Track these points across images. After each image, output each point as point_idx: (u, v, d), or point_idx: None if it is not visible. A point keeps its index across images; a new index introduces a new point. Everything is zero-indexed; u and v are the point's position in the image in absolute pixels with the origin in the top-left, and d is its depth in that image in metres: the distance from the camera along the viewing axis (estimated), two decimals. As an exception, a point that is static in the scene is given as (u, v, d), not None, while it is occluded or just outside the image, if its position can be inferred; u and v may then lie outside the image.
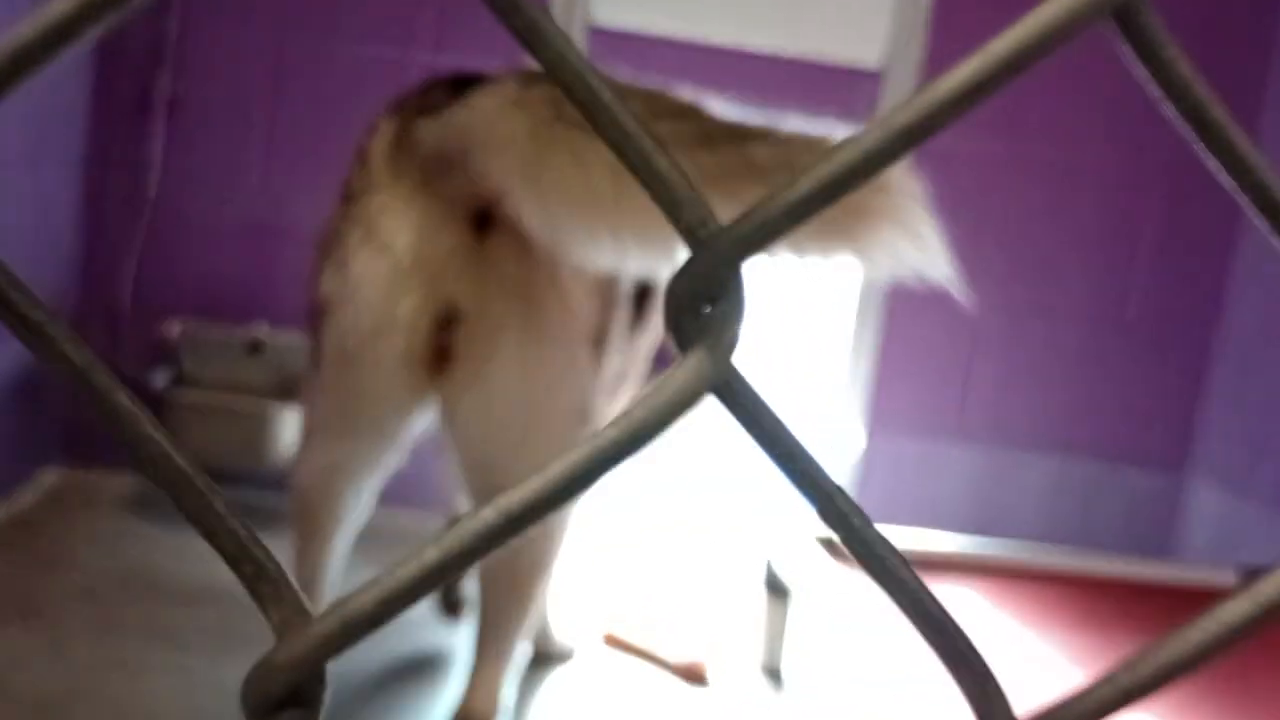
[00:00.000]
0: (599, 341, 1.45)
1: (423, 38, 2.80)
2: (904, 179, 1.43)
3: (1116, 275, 3.04)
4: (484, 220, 1.36)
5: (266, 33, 2.78)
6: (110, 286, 2.79)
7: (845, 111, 2.84)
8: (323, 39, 2.79)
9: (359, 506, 1.64)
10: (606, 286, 1.44)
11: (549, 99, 1.25)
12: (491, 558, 1.26)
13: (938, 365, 3.03)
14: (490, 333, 1.36)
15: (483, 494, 1.47)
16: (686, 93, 1.38)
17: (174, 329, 2.74)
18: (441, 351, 1.38)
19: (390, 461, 1.58)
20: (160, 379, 2.65)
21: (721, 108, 1.37)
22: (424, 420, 1.51)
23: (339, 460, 1.53)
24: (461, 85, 1.43)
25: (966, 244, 3.02)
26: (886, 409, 3.03)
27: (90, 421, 2.83)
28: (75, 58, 2.61)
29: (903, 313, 3.00)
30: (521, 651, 1.59)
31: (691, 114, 1.32)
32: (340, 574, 1.74)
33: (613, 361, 1.52)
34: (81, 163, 2.73)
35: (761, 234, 0.30)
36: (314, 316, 1.45)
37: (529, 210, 1.26)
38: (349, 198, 1.42)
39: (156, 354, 2.78)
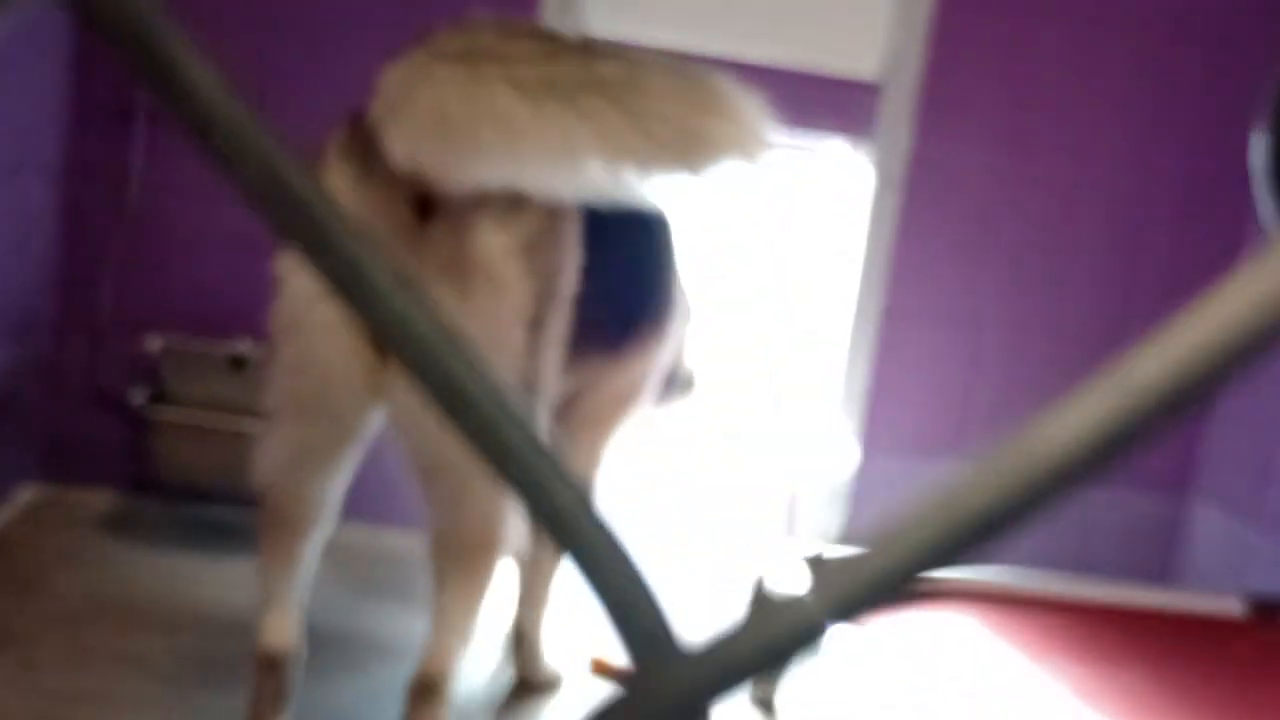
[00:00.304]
0: (536, 325, 1.50)
1: (407, 47, 2.75)
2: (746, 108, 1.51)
3: (1119, 293, 3.00)
4: (425, 207, 1.44)
5: (249, 42, 2.74)
6: (90, 300, 2.74)
7: (844, 124, 2.79)
8: (306, 48, 2.75)
9: (325, 507, 1.65)
10: (544, 277, 1.51)
11: (433, 49, 1.41)
12: (445, 525, 1.33)
13: (935, 382, 2.99)
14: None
15: (422, 472, 1.54)
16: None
17: (155, 344, 2.69)
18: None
19: (350, 457, 1.61)
20: (140, 395, 2.60)
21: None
22: (379, 411, 1.56)
23: (299, 450, 1.56)
24: None
25: (968, 260, 2.99)
26: (883, 426, 2.98)
27: (70, 438, 2.78)
28: (54, 68, 2.56)
29: (901, 328, 2.95)
30: (476, 626, 1.62)
31: (545, 36, 1.44)
32: (308, 588, 1.70)
33: (553, 349, 1.58)
34: (61, 174, 2.68)
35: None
36: (275, 303, 1.53)
37: (393, 138, 1.36)
38: None
39: (137, 369, 2.72)
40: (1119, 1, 2.92)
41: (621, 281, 1.90)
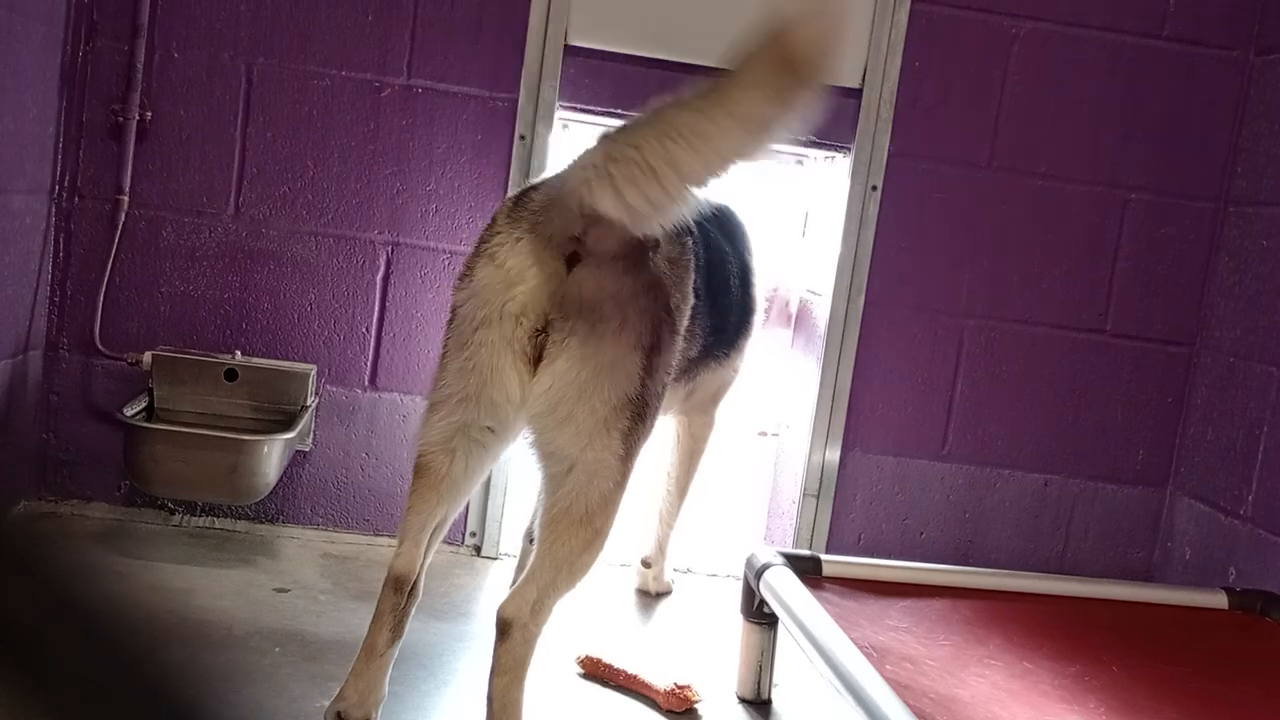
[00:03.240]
0: (653, 350, 1.81)
1: (395, 61, 2.78)
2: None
3: (1096, 294, 3.04)
4: (573, 259, 1.78)
5: (238, 56, 2.76)
6: (82, 315, 2.75)
7: (824, 129, 2.83)
8: (295, 62, 2.77)
9: (469, 479, 1.93)
10: (663, 310, 1.84)
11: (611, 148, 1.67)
12: (566, 504, 1.68)
13: (917, 383, 3.02)
14: (564, 337, 1.77)
15: (543, 459, 1.84)
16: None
17: (146, 358, 2.71)
18: (538, 350, 1.79)
19: (498, 450, 1.92)
20: (133, 408, 2.61)
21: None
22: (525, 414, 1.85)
23: (457, 424, 1.85)
24: None
25: (949, 263, 3.03)
26: (865, 426, 3.01)
27: (63, 451, 2.79)
28: (44, 86, 2.58)
29: (882, 330, 2.98)
30: (560, 593, 1.83)
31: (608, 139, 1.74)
32: (434, 547, 1.95)
33: (670, 368, 1.90)
34: (52, 189, 2.70)
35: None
36: (448, 325, 1.89)
37: (605, 199, 1.65)
38: (478, 246, 1.87)
39: (129, 383, 2.74)
40: (1094, 6, 2.97)
41: (723, 306, 2.37)
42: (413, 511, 1.92)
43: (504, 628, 1.78)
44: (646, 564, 2.85)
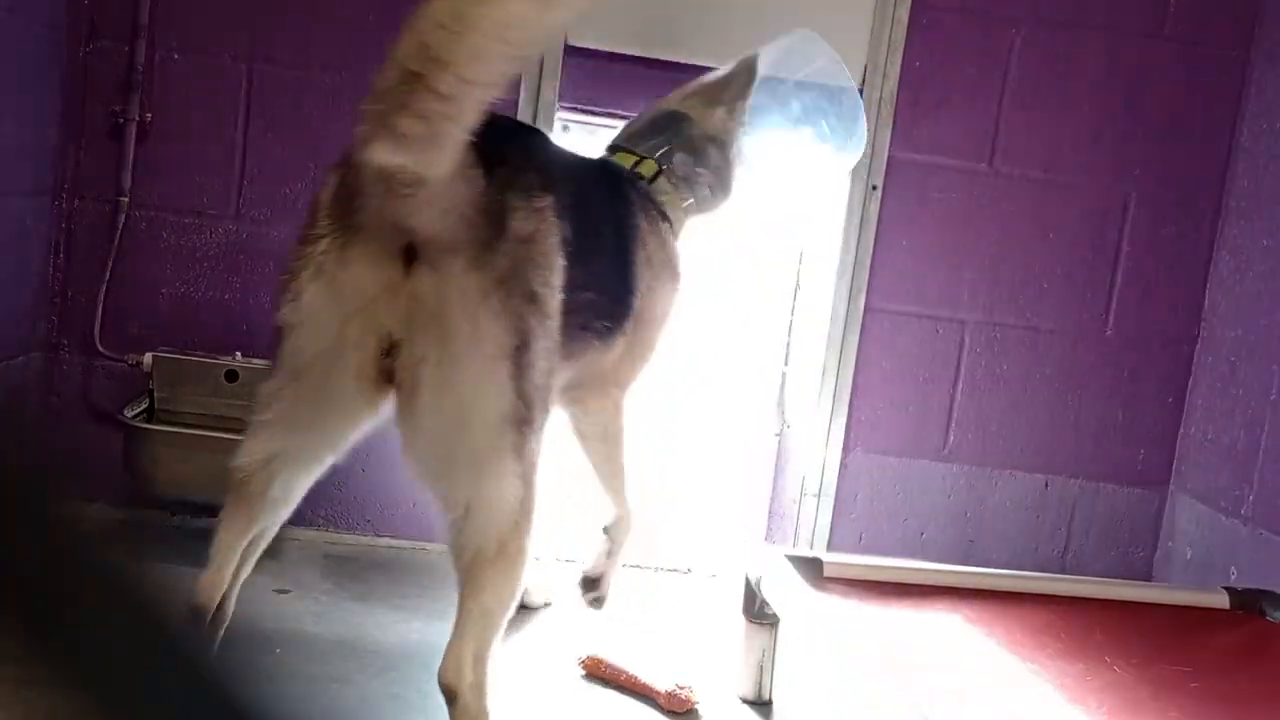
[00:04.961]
0: (521, 349, 1.63)
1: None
2: None
3: (1097, 294, 3.04)
4: (409, 253, 1.57)
5: (239, 57, 2.76)
6: (82, 315, 2.75)
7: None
8: (294, 65, 2.77)
9: (288, 499, 1.82)
10: (524, 301, 1.64)
11: None
12: (465, 532, 1.43)
13: (918, 384, 3.02)
14: (415, 363, 1.59)
15: (435, 499, 1.70)
16: None
17: (146, 359, 2.71)
18: (388, 373, 1.62)
19: (328, 461, 1.80)
20: (133, 410, 2.61)
21: None
22: (370, 428, 1.74)
23: (284, 449, 1.73)
24: None
25: (949, 263, 3.03)
26: (866, 427, 3.01)
27: (64, 453, 2.78)
28: (45, 88, 2.58)
29: (883, 330, 2.98)
30: (494, 634, 1.69)
31: None
32: (249, 565, 1.87)
33: (550, 352, 1.71)
34: (51, 191, 2.70)
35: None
36: (276, 338, 1.71)
37: (380, 146, 1.47)
38: (303, 240, 1.66)
39: (129, 384, 2.74)
40: (1094, 6, 2.97)
41: (604, 273, 2.08)
42: (224, 531, 1.80)
43: (450, 695, 1.65)
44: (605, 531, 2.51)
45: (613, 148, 2.44)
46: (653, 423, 2.61)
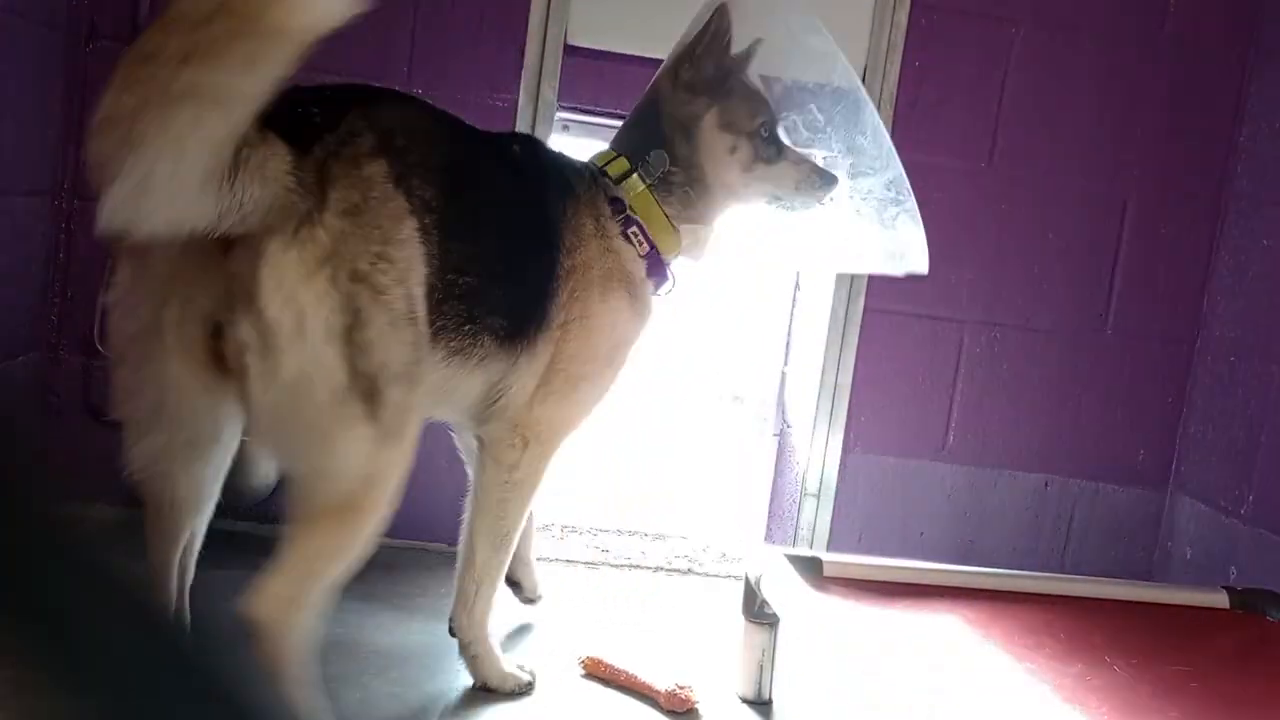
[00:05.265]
0: (351, 330, 1.54)
1: (395, 63, 2.78)
2: None
3: (1097, 294, 3.04)
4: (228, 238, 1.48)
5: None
6: (81, 316, 2.75)
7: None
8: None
9: (200, 496, 1.79)
10: (358, 277, 1.55)
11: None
12: (310, 487, 1.42)
13: (917, 383, 3.02)
14: (239, 349, 1.51)
15: (280, 464, 1.69)
16: None
17: (147, 359, 2.70)
18: (221, 357, 1.55)
19: (220, 451, 1.75)
20: (133, 410, 2.60)
21: None
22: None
23: (165, 445, 1.67)
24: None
25: (949, 262, 3.03)
26: (866, 426, 3.01)
27: (64, 453, 2.78)
28: (46, 90, 2.58)
29: (882, 330, 2.98)
30: (311, 581, 1.66)
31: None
32: (190, 570, 1.87)
33: (394, 330, 1.60)
34: (51, 191, 2.70)
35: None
36: (106, 326, 1.65)
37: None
38: None
39: (129, 384, 2.73)
40: (1093, 6, 2.97)
41: (499, 260, 1.87)
42: (153, 551, 1.78)
43: (257, 629, 1.57)
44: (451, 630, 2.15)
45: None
46: (653, 422, 2.59)
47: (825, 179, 2.19)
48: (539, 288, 1.93)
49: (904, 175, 2.23)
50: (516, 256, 1.90)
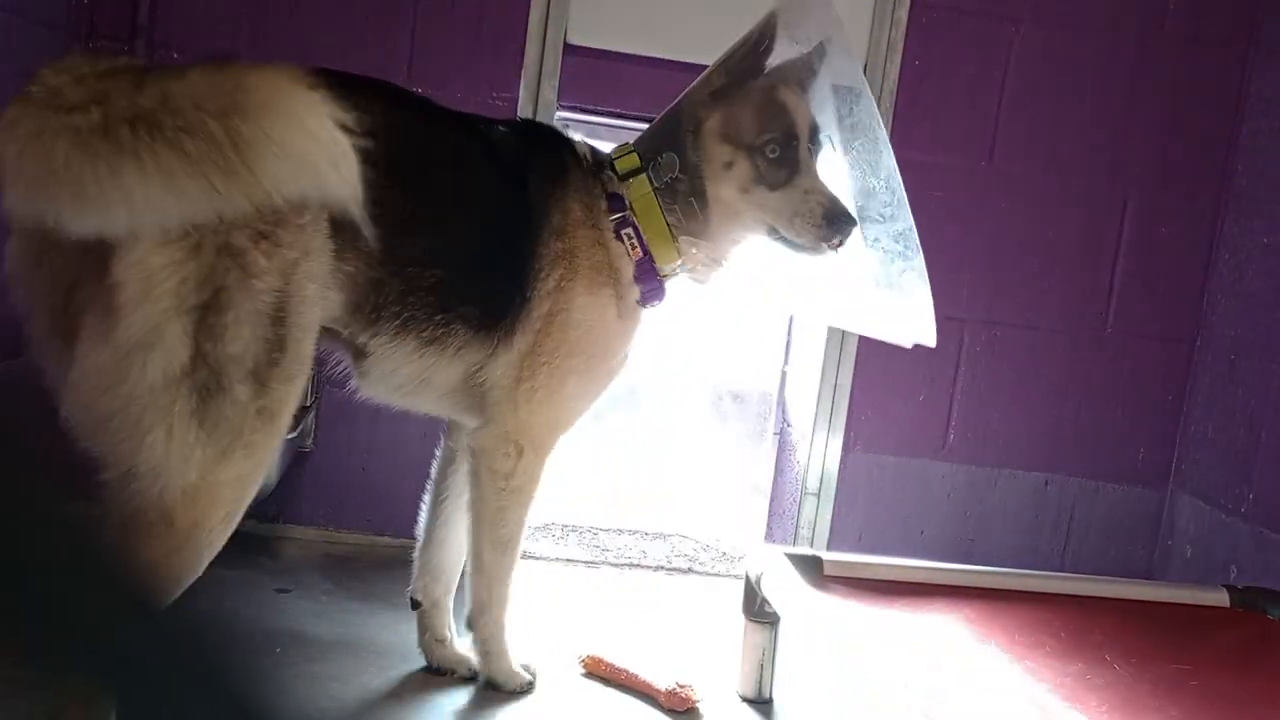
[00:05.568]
0: (209, 310, 1.45)
1: (396, 62, 2.78)
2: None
3: (1097, 294, 3.04)
4: None
5: (238, 58, 2.75)
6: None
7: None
8: (295, 63, 2.76)
9: None
10: (211, 259, 1.46)
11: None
12: (125, 489, 1.30)
13: (919, 383, 3.02)
14: (80, 311, 1.44)
15: (98, 455, 1.53)
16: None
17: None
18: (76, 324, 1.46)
19: None
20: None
21: None
22: None
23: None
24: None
25: (949, 262, 3.03)
26: (868, 426, 3.01)
27: (64, 453, 2.78)
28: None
29: (884, 331, 2.98)
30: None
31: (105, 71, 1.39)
32: None
33: (254, 330, 1.51)
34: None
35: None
36: None
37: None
38: None
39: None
40: (1093, 5, 2.97)
41: (468, 250, 1.82)
42: None
43: None
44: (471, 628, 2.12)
45: None
46: (653, 422, 2.58)
47: (834, 222, 1.92)
48: (517, 274, 1.86)
49: (914, 229, 2.03)
50: (491, 245, 1.84)
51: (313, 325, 1.61)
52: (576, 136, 2.07)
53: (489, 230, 1.85)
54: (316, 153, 1.37)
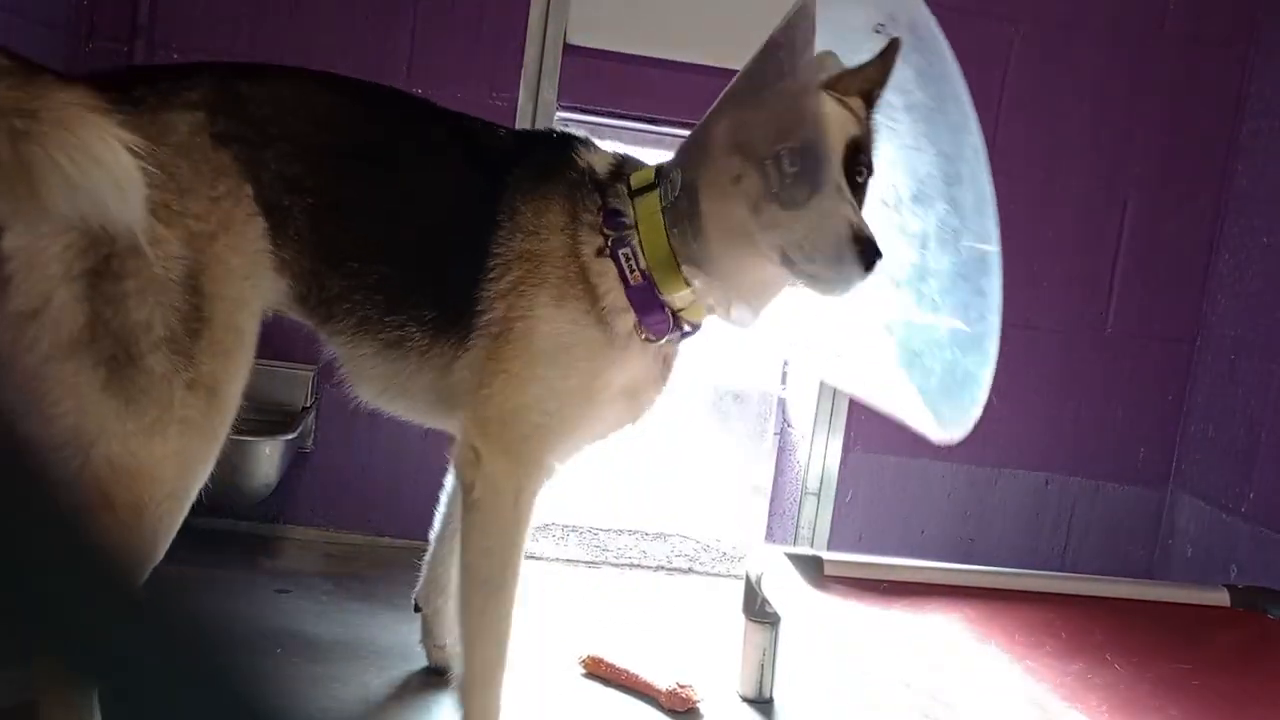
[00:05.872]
0: (98, 276, 1.45)
1: (395, 62, 2.78)
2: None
3: (1096, 293, 3.04)
4: None
5: (238, 58, 2.75)
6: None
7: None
8: (295, 63, 2.76)
9: None
10: (98, 233, 1.45)
11: None
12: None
13: (920, 384, 3.02)
14: None
15: None
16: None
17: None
18: None
19: None
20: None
21: None
22: None
23: None
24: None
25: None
26: (868, 426, 3.01)
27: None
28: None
29: (884, 331, 2.98)
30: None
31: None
32: None
33: (149, 300, 1.49)
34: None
35: None
36: None
37: None
38: None
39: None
40: (1093, 5, 2.97)
41: (415, 247, 1.71)
42: None
43: None
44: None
45: None
46: (653, 422, 2.57)
47: (852, 250, 1.57)
48: (470, 278, 1.69)
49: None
50: (443, 243, 1.71)
51: (244, 299, 1.56)
52: (609, 146, 1.84)
53: (441, 227, 1.72)
54: (100, 179, 1.38)
